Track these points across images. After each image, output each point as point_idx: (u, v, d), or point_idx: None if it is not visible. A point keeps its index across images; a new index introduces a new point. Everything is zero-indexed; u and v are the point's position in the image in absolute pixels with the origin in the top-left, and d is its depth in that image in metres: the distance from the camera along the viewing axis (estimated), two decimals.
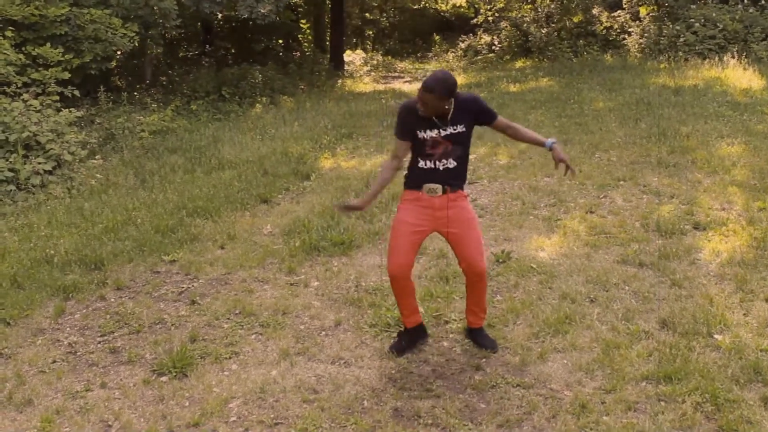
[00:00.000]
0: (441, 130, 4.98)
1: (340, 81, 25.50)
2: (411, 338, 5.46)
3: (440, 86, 4.84)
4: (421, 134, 5.00)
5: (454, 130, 4.99)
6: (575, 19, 25.61)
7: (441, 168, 5.05)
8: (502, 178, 9.82)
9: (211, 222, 8.58)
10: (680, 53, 19.81)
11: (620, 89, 16.16)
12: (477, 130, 5.12)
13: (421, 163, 5.06)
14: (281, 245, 7.75)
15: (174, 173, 11.09)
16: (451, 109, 4.96)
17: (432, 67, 27.77)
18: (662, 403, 4.63)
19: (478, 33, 31.43)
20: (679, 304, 5.91)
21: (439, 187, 5.05)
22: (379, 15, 40.88)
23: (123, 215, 8.83)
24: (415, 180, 5.12)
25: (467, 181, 5.36)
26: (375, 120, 15.14)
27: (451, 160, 5.05)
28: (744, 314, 5.70)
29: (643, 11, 23.65)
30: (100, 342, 5.87)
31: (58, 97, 12.88)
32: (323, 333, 5.83)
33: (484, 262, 5.18)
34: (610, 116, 13.23)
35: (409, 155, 5.14)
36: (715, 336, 5.38)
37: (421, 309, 5.86)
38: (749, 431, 4.28)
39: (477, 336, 5.49)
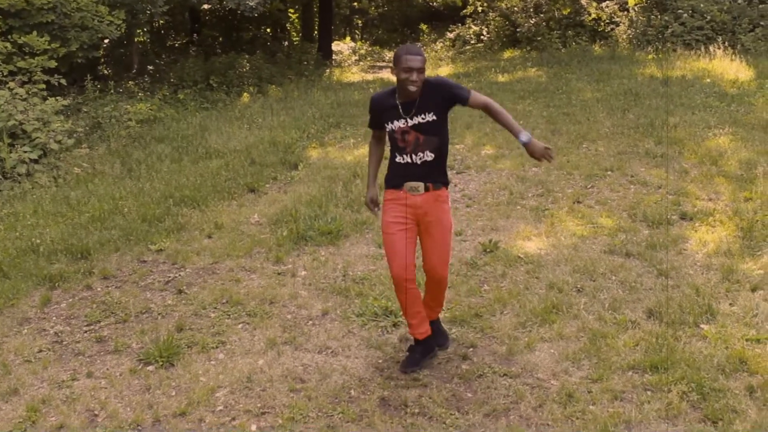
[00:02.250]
0: (408, 119, 4.74)
1: (328, 70, 25.45)
2: (424, 351, 5.13)
3: (421, 49, 4.77)
4: (389, 126, 4.81)
5: (423, 119, 4.72)
6: (564, 11, 25.59)
7: (419, 162, 4.78)
8: (489, 168, 9.82)
9: (198, 211, 8.56)
10: (668, 44, 19.85)
11: (608, 80, 16.18)
12: (464, 119, 5.08)
13: (398, 158, 4.82)
14: (268, 235, 7.74)
15: (161, 162, 11.05)
16: (418, 96, 4.71)
17: None
18: (648, 393, 4.64)
19: (467, 23, 31.38)
20: (666, 293, 5.92)
21: (420, 185, 4.80)
22: (367, 4, 40.77)
23: (109, 204, 8.79)
24: (395, 178, 4.89)
25: (455, 171, 5.32)
26: (363, 109, 15.08)
27: (428, 153, 4.77)
28: (730, 304, 5.72)
29: (631, 2, 23.66)
30: (86, 331, 5.85)
31: (44, 86, 12.82)
32: (310, 322, 5.82)
33: (446, 270, 5.02)
34: (597, 107, 13.24)
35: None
36: (702, 326, 5.40)
37: None
38: (734, 420, 4.30)
39: (434, 329, 5.21)
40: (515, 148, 10.68)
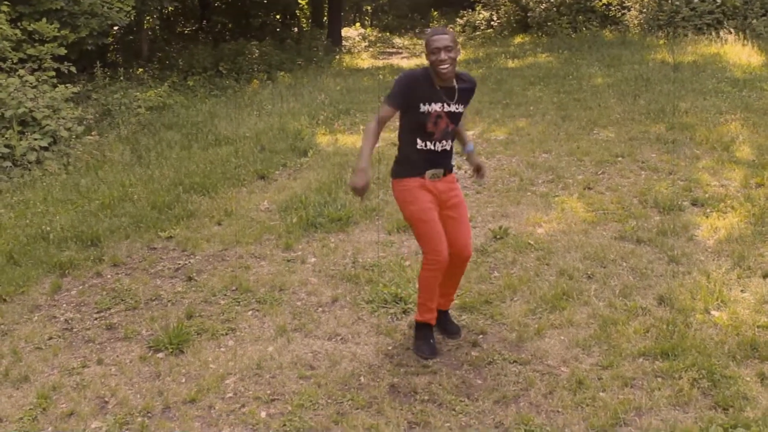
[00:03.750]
0: (445, 105, 4.72)
1: (337, 57, 25.41)
2: (432, 333, 5.18)
3: (450, 32, 4.71)
4: (424, 107, 4.68)
5: (457, 108, 4.79)
6: None
7: (440, 149, 4.80)
8: (500, 154, 9.79)
9: (208, 198, 8.56)
10: (679, 29, 19.74)
11: (619, 65, 16.11)
12: (474, 105, 5.06)
13: (420, 144, 4.76)
14: (278, 221, 7.73)
15: (170, 149, 11.05)
16: (457, 85, 4.76)
17: None
18: (659, 380, 4.62)
19: (477, 8, 31.28)
20: (677, 280, 5.90)
21: (440, 171, 4.86)
22: None
23: (119, 191, 8.80)
24: (416, 166, 4.82)
25: (465, 157, 5.30)
26: (373, 96, 15.09)
27: (448, 142, 4.84)
28: (741, 290, 5.69)
29: None
30: (96, 318, 5.86)
31: (54, 73, 12.83)
32: (320, 309, 5.82)
33: (471, 248, 5.06)
34: (608, 92, 13.19)
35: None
36: (713, 312, 5.38)
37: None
38: (745, 407, 4.28)
39: (444, 320, 5.29)
40: (525, 134, 10.66)
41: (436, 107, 4.71)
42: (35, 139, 10.68)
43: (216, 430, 4.36)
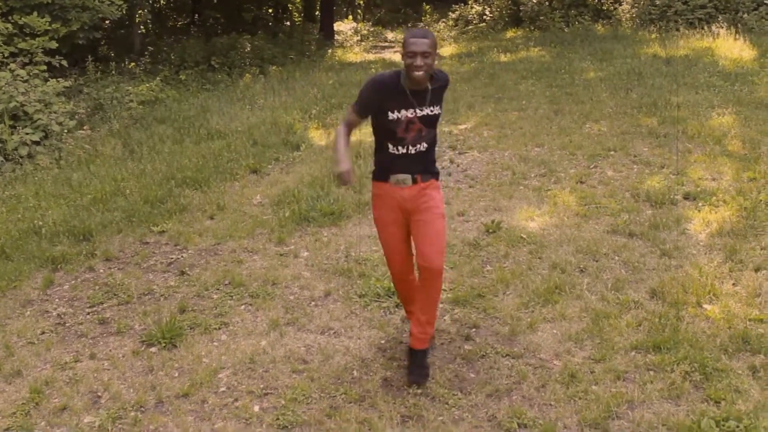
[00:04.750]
0: (417, 110, 4.45)
1: (330, 51, 25.37)
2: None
3: (430, 33, 4.39)
4: (393, 114, 4.43)
5: (431, 111, 4.49)
6: None
7: (413, 152, 4.51)
8: (492, 149, 9.79)
9: (201, 192, 8.55)
10: (671, 23, 19.76)
11: (611, 59, 16.11)
12: (466, 98, 5.01)
13: (392, 149, 4.52)
14: (271, 216, 7.73)
15: (163, 143, 11.03)
16: (431, 87, 4.47)
17: None
18: (651, 373, 4.64)
19: (470, 2, 31.24)
20: (669, 274, 5.91)
21: (408, 177, 4.53)
22: None
23: (111, 186, 8.78)
24: (385, 170, 4.60)
25: (458, 152, 5.26)
26: None
27: (423, 144, 4.53)
28: (733, 284, 5.71)
29: None
30: (89, 313, 5.85)
31: (45, 67, 12.80)
32: (313, 303, 5.82)
33: (441, 260, 4.53)
34: (601, 86, 13.20)
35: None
36: (705, 306, 5.39)
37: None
38: (737, 400, 4.29)
39: (411, 360, 4.77)
40: (518, 128, 10.67)
41: (407, 113, 4.44)
42: (27, 134, 10.64)
43: (209, 425, 4.36)
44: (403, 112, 4.44)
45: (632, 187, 7.93)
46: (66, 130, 11.37)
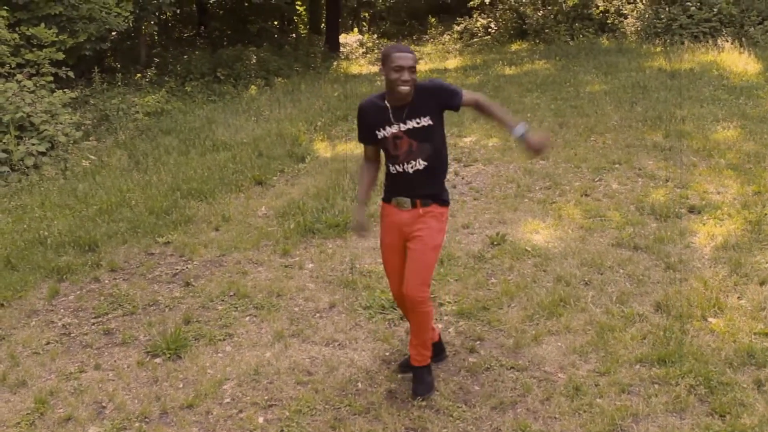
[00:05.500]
0: (400, 124, 4.41)
1: (335, 63, 25.43)
2: (434, 359, 4.92)
3: (408, 49, 4.39)
4: (381, 133, 4.47)
5: (417, 123, 4.39)
6: (571, 2, 25.51)
7: (410, 171, 4.45)
8: (497, 161, 9.80)
9: (206, 204, 8.57)
10: (676, 36, 19.79)
11: (616, 72, 16.13)
12: (471, 111, 4.95)
13: (392, 168, 4.53)
14: (276, 227, 7.74)
15: (168, 155, 11.06)
16: (411, 99, 4.39)
17: (428, 49, 27.71)
18: (656, 386, 4.63)
19: (475, 15, 31.30)
20: (674, 287, 5.91)
21: (407, 201, 4.52)
22: None
23: (117, 197, 8.81)
24: (388, 190, 4.63)
25: (463, 164, 5.23)
26: None
27: (420, 161, 4.43)
28: (738, 297, 5.71)
29: None
30: (94, 323, 5.86)
31: (52, 78, 12.84)
32: (317, 315, 5.83)
33: (424, 291, 4.46)
34: (605, 99, 13.20)
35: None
36: (709, 319, 5.39)
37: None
38: (742, 414, 4.29)
39: (413, 376, 4.79)
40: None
41: (392, 130, 4.43)
42: (33, 144, 10.68)
43: None
44: (388, 129, 4.45)
45: (637, 200, 7.93)
46: (72, 141, 11.42)
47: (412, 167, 4.46)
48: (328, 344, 5.37)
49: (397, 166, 4.49)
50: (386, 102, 4.47)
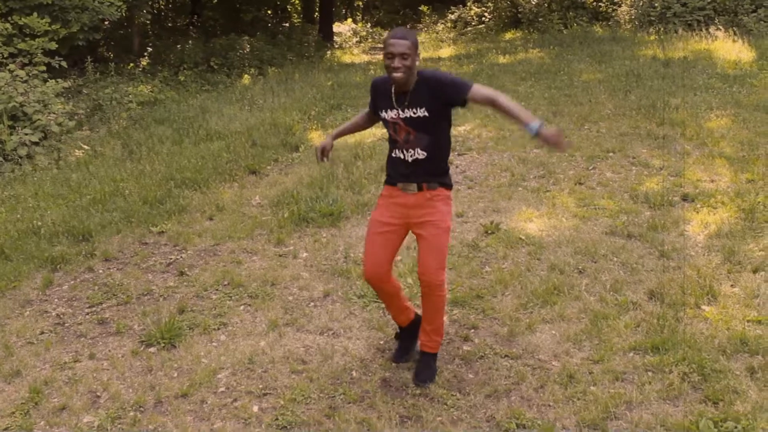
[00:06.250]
0: (399, 111, 4.41)
1: (329, 52, 25.41)
2: (409, 335, 4.97)
3: (411, 33, 4.36)
4: (383, 114, 4.52)
5: (414, 113, 4.36)
6: None
7: (410, 159, 4.46)
8: (491, 150, 9.80)
9: (200, 193, 8.56)
10: (670, 25, 19.79)
11: (610, 61, 16.13)
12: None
13: (394, 152, 4.55)
14: (270, 216, 7.73)
15: (162, 144, 11.04)
16: (412, 88, 4.37)
17: (422, 38, 27.64)
18: (649, 374, 4.65)
19: (468, 4, 31.27)
20: (667, 275, 5.92)
21: (413, 185, 4.49)
22: None
23: (110, 186, 8.79)
24: (391, 174, 4.61)
25: (457, 153, 5.24)
26: (364, 91, 15.06)
27: (418, 150, 4.42)
28: (731, 285, 5.72)
29: None
30: (88, 313, 5.85)
31: (44, 68, 12.81)
32: (312, 304, 5.83)
33: (441, 274, 4.52)
34: (599, 88, 13.21)
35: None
36: (703, 307, 5.40)
37: (410, 280, 5.90)
38: (735, 401, 4.30)
39: (419, 360, 4.83)
40: (516, 130, 10.66)
41: (391, 114, 4.45)
42: (26, 134, 10.65)
43: (208, 425, 4.37)
44: (389, 112, 4.47)
45: (631, 188, 7.94)
46: (65, 131, 11.39)
47: (411, 156, 4.46)
48: (322, 333, 5.37)
49: (398, 151, 4.51)
50: (391, 87, 4.45)
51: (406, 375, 4.77)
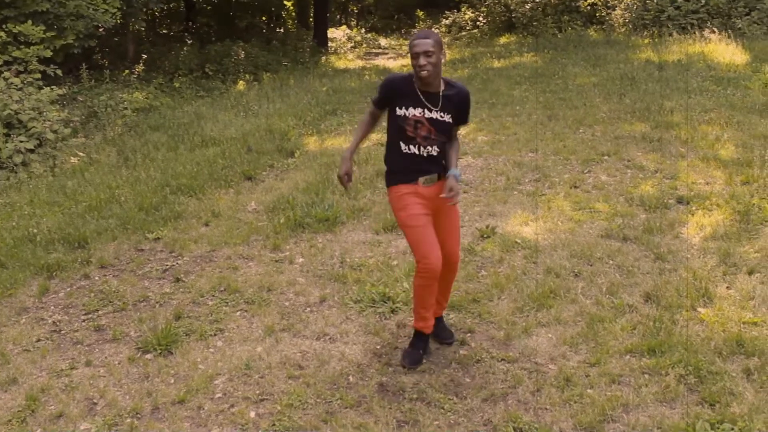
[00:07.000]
0: (426, 110, 4.62)
1: (323, 58, 25.42)
2: (430, 336, 5.10)
3: (433, 33, 4.64)
4: (401, 111, 4.65)
5: (441, 116, 4.65)
6: None
7: (425, 155, 4.68)
8: (486, 154, 9.82)
9: (195, 199, 8.56)
10: (664, 28, 19.84)
11: (604, 64, 16.17)
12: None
13: (404, 148, 4.69)
14: (266, 222, 7.73)
15: (157, 151, 11.03)
16: (442, 91, 4.66)
17: None
18: (646, 376, 4.65)
19: (463, 9, 31.32)
20: (663, 277, 5.93)
21: (434, 176, 4.74)
22: None
23: (106, 193, 8.78)
24: (406, 172, 4.74)
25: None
26: (359, 96, 15.11)
27: (435, 147, 4.69)
28: (727, 287, 5.73)
29: None
30: (84, 320, 5.85)
31: (39, 75, 12.81)
32: (308, 309, 5.83)
33: (459, 251, 5.07)
34: (594, 91, 13.24)
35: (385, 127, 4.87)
36: (699, 309, 5.41)
37: (406, 284, 5.91)
38: (732, 403, 4.31)
39: (437, 326, 5.14)
40: (512, 134, 10.70)
41: (415, 112, 4.63)
42: (21, 141, 10.64)
43: (205, 431, 4.36)
44: (411, 110, 4.64)
45: (626, 191, 7.96)
46: (60, 138, 11.38)
47: (427, 152, 4.70)
48: (319, 338, 5.37)
49: (412, 146, 4.70)
50: (416, 86, 4.66)
51: (403, 379, 4.77)
